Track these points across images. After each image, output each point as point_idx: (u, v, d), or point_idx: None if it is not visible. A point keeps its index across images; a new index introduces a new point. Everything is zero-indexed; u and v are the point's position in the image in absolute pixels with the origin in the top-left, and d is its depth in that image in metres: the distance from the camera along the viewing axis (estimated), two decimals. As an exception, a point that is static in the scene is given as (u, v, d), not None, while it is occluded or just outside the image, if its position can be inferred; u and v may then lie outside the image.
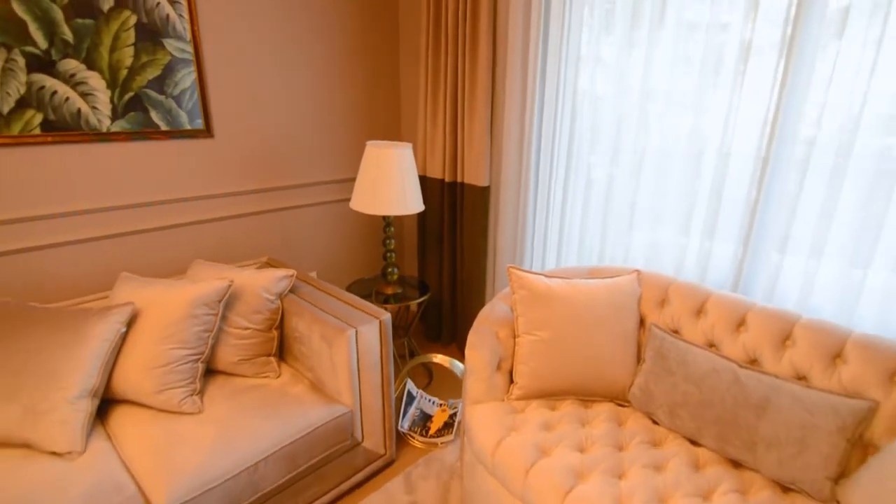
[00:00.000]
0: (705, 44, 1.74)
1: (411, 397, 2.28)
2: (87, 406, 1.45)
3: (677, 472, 1.33)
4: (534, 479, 1.34)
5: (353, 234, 2.92)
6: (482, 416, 1.56)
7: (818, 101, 1.54)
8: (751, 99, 1.68)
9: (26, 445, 1.39)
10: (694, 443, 1.46)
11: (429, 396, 2.31)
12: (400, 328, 2.54)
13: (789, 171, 1.63)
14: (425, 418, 2.22)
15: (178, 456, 1.39)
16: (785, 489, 1.30)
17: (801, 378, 1.41)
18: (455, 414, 2.22)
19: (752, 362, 1.49)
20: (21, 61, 1.76)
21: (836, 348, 1.36)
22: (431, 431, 2.15)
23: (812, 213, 1.61)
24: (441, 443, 2.10)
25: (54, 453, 1.39)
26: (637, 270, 1.80)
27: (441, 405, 2.27)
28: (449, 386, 2.53)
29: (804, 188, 1.61)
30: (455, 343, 2.86)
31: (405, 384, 2.27)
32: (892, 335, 1.47)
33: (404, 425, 2.16)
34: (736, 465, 1.38)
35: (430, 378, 2.60)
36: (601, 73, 2.05)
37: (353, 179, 2.83)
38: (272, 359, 1.83)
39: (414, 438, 2.12)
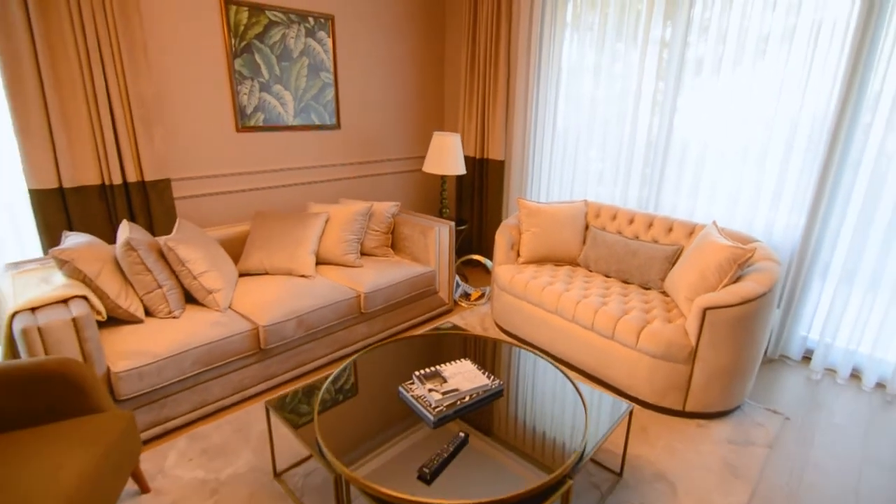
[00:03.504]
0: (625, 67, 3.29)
1: (458, 285, 3.83)
2: (314, 258, 2.99)
3: (596, 285, 2.87)
4: (529, 288, 2.88)
5: (418, 190, 4.48)
6: (503, 269, 3.10)
7: (690, 116, 3.09)
8: (644, 109, 3.23)
9: (288, 273, 2.93)
10: (607, 276, 3.01)
11: (468, 286, 3.86)
12: (448, 248, 4.08)
13: (666, 151, 3.18)
14: (467, 295, 3.77)
15: (359, 278, 2.93)
16: (643, 287, 2.84)
17: (654, 241, 2.95)
18: (485, 293, 3.77)
19: (636, 237, 3.04)
20: (257, 86, 3.30)
21: (669, 227, 2.90)
22: (472, 299, 3.70)
23: (676, 182, 3.15)
24: (478, 304, 3.65)
25: (303, 276, 2.93)
26: (585, 200, 3.35)
27: (476, 289, 3.83)
28: (479, 284, 4.08)
29: (668, 164, 3.16)
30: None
31: (455, 277, 3.81)
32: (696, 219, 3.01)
33: (456, 296, 3.71)
34: (624, 282, 2.92)
35: (467, 279, 4.15)
36: (573, 85, 3.60)
37: (417, 157, 4.37)
38: (389, 248, 3.39)
39: (461, 303, 3.67)
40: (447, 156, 3.69)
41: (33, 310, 1.88)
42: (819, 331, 2.86)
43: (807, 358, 2.98)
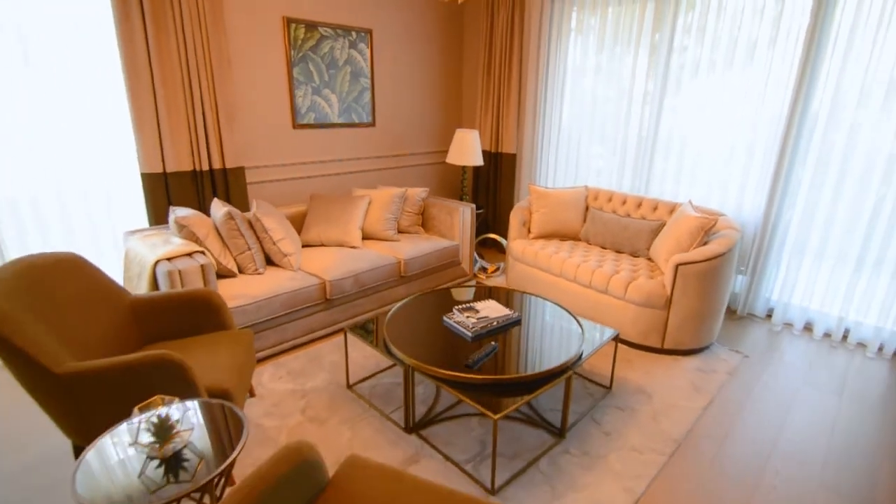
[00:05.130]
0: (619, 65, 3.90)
1: (476, 260, 4.45)
2: (361, 232, 3.62)
3: (594, 254, 3.48)
4: (539, 257, 3.50)
5: (441, 179, 5.11)
6: (516, 243, 3.72)
7: (681, 114, 3.70)
8: (636, 111, 3.84)
9: (341, 244, 3.56)
10: (603, 248, 3.62)
11: (485, 261, 4.48)
12: (467, 230, 4.70)
13: (654, 144, 3.79)
14: (484, 269, 4.39)
15: (398, 249, 3.56)
16: (633, 256, 3.45)
17: (642, 218, 3.56)
18: (500, 267, 4.39)
19: (627, 215, 3.65)
20: (310, 90, 3.94)
21: (654, 206, 3.52)
22: (488, 272, 4.32)
23: (663, 170, 3.76)
24: (494, 276, 4.27)
25: (353, 247, 3.56)
26: (586, 185, 3.96)
27: (492, 264, 4.45)
28: (494, 261, 4.70)
29: (656, 154, 3.77)
30: (495, 244, 5.03)
31: (474, 252, 4.43)
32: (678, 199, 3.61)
33: (475, 269, 4.33)
34: (617, 252, 3.54)
35: (483, 257, 4.78)
36: (576, 87, 4.21)
37: (439, 151, 5.00)
38: (420, 226, 4.01)
39: (480, 275, 4.30)
40: (467, 149, 4.31)
41: (169, 259, 2.52)
42: (778, 292, 3.46)
43: (769, 315, 3.58)
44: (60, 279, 1.98)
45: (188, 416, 1.42)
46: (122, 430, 1.41)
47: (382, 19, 4.25)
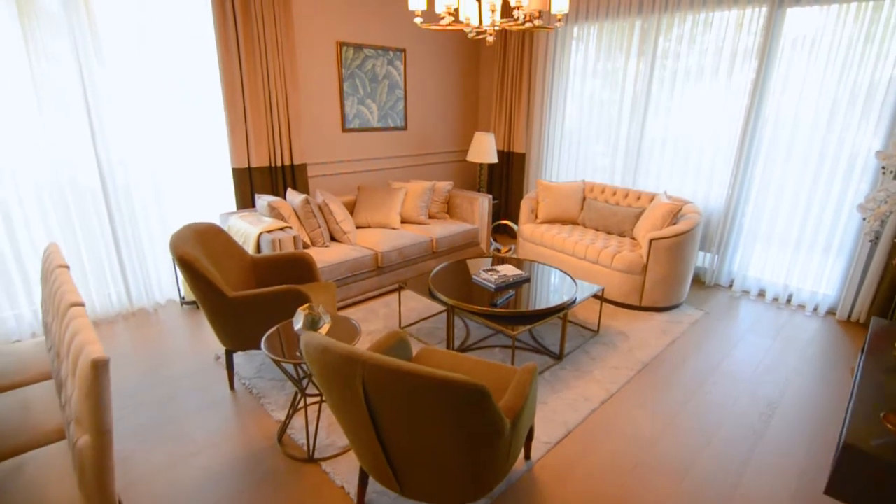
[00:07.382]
0: (612, 68, 4.73)
1: (491, 243, 5.29)
2: (400, 217, 4.48)
3: (589, 234, 4.32)
4: (545, 237, 4.34)
5: (461, 174, 5.95)
6: (526, 227, 4.57)
7: (664, 115, 4.52)
8: (626, 112, 4.67)
9: (384, 226, 4.41)
10: (596, 230, 4.46)
11: (498, 244, 5.33)
12: (483, 218, 5.54)
13: (640, 144, 4.61)
14: (498, 250, 5.24)
15: (430, 230, 4.41)
16: (620, 236, 4.28)
17: (629, 206, 4.39)
18: (511, 249, 5.24)
19: (617, 204, 4.48)
20: (356, 100, 4.79)
21: (638, 196, 4.35)
22: (502, 252, 5.17)
23: (647, 166, 4.59)
24: (507, 255, 5.12)
25: (394, 228, 4.41)
26: (584, 180, 4.80)
27: (505, 246, 5.29)
28: (506, 244, 5.54)
29: (642, 153, 4.59)
30: (507, 231, 5.88)
31: (490, 236, 5.28)
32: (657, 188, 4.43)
33: (491, 250, 5.18)
34: (608, 233, 4.37)
35: (497, 241, 5.62)
36: (576, 95, 5.05)
37: (460, 150, 5.85)
38: (446, 213, 4.87)
39: (495, 255, 5.14)
40: (485, 149, 5.15)
41: (269, 232, 3.38)
42: (738, 266, 4.28)
43: (731, 285, 4.41)
44: (211, 239, 2.84)
45: (325, 318, 2.27)
46: (286, 325, 2.28)
47: (414, 40, 5.09)
